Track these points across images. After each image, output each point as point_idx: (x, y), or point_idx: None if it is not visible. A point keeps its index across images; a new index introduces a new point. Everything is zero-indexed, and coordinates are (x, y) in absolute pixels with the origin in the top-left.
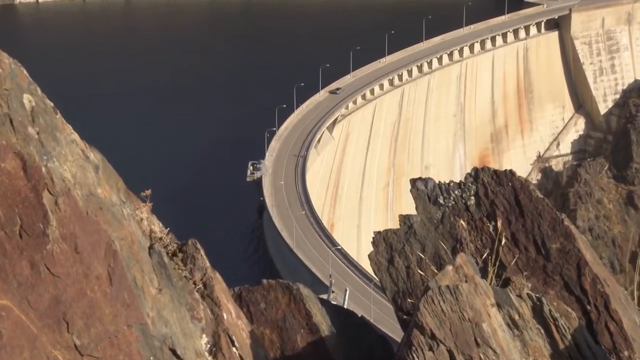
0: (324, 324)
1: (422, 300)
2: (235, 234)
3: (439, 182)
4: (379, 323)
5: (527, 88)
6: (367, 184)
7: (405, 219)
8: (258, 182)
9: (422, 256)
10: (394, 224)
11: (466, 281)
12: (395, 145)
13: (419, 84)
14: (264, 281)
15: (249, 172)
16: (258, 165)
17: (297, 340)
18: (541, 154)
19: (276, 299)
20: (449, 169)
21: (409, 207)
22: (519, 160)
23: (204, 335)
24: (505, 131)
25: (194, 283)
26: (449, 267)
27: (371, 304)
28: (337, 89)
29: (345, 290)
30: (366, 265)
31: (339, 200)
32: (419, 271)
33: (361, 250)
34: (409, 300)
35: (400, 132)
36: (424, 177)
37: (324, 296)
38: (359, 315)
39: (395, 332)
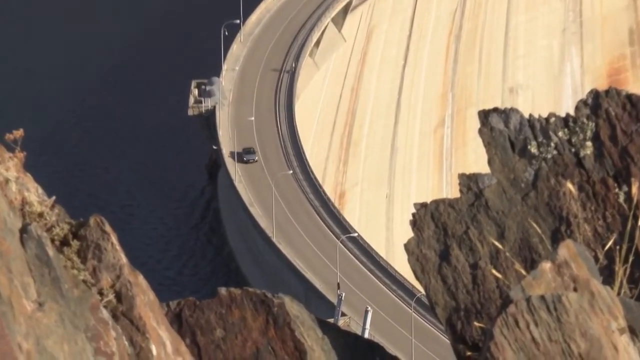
0: None
1: (498, 322)
2: (169, 208)
3: (531, 116)
4: None
5: None
6: (404, 121)
7: (470, 181)
8: (208, 118)
9: (500, 246)
10: (452, 191)
11: (576, 289)
12: (456, 50)
13: None
14: (222, 290)
15: (192, 100)
16: (208, 88)
17: None
18: None
19: (243, 321)
20: (552, 92)
21: (478, 161)
22: None
23: None
24: None
25: (100, 292)
26: (546, 265)
27: (412, 336)
28: (249, 150)
29: (366, 310)
30: (402, 265)
31: (353, 150)
32: (494, 272)
33: (393, 240)
34: (475, 323)
35: (465, 27)
36: (504, 107)
37: (330, 320)
38: (391, 354)
39: None
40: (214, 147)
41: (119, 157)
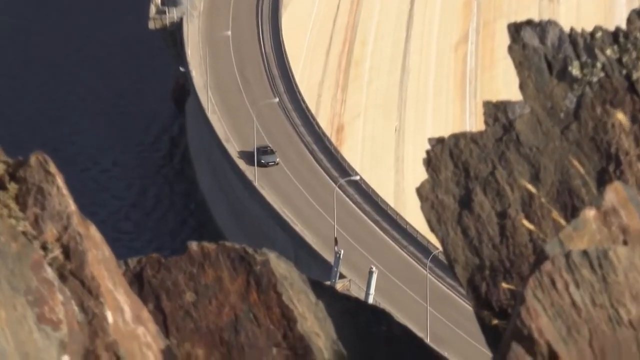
0: (321, 335)
1: (530, 282)
2: (126, 144)
3: (573, 30)
4: (440, 341)
5: None
6: (418, 36)
7: (497, 110)
8: (174, 32)
9: (533, 190)
10: (477, 123)
11: (626, 242)
12: None
13: None
14: (193, 245)
15: (153, 10)
16: None
17: None
18: None
19: (218, 282)
20: (601, 0)
21: (508, 86)
22: None
23: (64, 359)
24: None
25: (44, 247)
26: (590, 213)
27: (426, 302)
28: (266, 150)
29: (370, 270)
30: (414, 215)
31: (355, 72)
32: (526, 222)
33: (403, 184)
34: (503, 284)
35: None
36: (540, 19)
37: (326, 283)
38: (400, 324)
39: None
40: (181, 69)
41: (65, 83)
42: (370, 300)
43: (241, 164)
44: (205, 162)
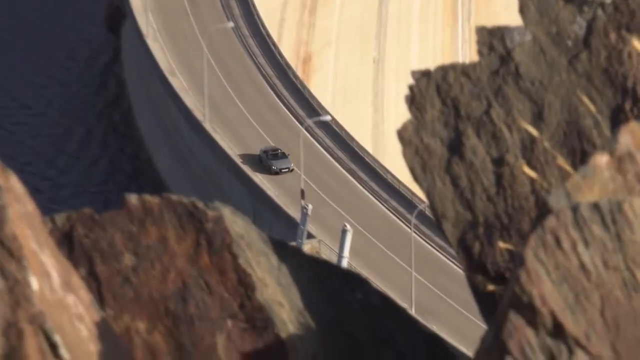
0: (284, 305)
1: (531, 241)
2: (51, 78)
3: None
4: (426, 311)
5: None
6: None
7: (493, 38)
8: None
9: (535, 132)
10: (471, 52)
11: None
12: None
13: None
14: (132, 199)
15: None
16: None
17: (215, 348)
18: None
19: (163, 243)
20: None
21: (508, 7)
22: None
23: None
24: None
25: None
26: (602, 159)
27: (412, 267)
28: (276, 154)
29: (344, 229)
30: (395, 162)
31: None
32: (527, 170)
33: (383, 126)
34: (500, 244)
35: None
36: None
37: (291, 243)
38: (378, 290)
39: (465, 337)
40: None
41: None
42: (344, 264)
43: (189, 101)
44: (145, 99)
